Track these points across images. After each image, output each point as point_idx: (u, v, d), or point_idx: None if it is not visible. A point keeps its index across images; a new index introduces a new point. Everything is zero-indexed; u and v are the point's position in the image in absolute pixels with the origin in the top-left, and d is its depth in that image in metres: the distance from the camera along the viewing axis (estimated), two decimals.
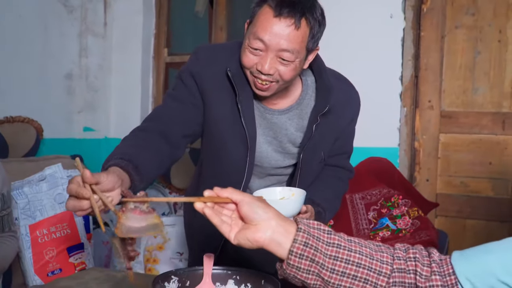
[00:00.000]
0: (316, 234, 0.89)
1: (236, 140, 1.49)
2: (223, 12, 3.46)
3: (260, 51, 1.33)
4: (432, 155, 2.84)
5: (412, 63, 2.84)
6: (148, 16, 3.64)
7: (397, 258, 0.89)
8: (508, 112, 2.70)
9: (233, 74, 1.43)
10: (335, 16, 2.94)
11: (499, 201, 2.71)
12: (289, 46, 1.30)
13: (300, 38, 1.31)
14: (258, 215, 0.90)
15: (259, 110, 1.51)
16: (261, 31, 1.30)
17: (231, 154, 1.51)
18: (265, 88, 1.38)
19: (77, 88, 3.56)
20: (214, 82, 1.46)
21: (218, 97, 1.47)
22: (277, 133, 1.54)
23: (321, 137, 1.53)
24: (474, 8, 2.76)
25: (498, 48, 2.72)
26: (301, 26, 1.30)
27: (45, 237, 2.25)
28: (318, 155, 1.58)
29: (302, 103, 1.53)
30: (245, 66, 1.38)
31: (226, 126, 1.49)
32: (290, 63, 1.34)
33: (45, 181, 2.30)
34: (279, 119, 1.52)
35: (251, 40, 1.33)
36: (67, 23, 3.45)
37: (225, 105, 1.47)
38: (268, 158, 1.56)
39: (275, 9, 1.29)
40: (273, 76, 1.35)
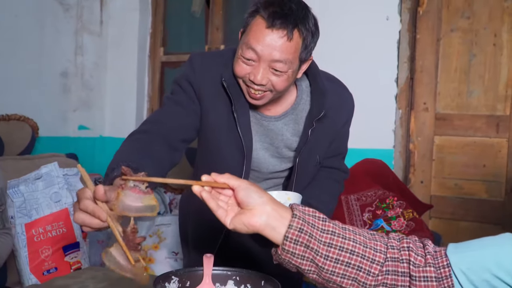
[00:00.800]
0: (311, 220, 0.90)
1: (232, 148, 1.49)
2: (219, 11, 3.46)
3: (253, 61, 1.33)
4: (427, 157, 2.86)
5: (407, 66, 2.86)
6: (144, 15, 3.64)
7: (390, 247, 0.90)
8: (502, 115, 2.72)
9: (228, 84, 1.43)
10: (332, 18, 2.97)
11: (492, 204, 2.74)
12: (281, 57, 1.30)
13: (292, 49, 1.31)
14: (253, 199, 0.91)
15: (256, 118, 1.52)
16: (253, 41, 1.30)
17: (227, 161, 1.51)
18: (258, 97, 1.38)
19: (72, 86, 3.55)
20: (210, 90, 1.47)
21: (214, 105, 1.47)
22: (273, 139, 1.54)
23: (317, 141, 1.54)
24: (469, 11, 2.78)
25: (493, 52, 2.74)
26: (293, 37, 1.30)
27: (41, 235, 2.24)
28: (313, 159, 1.59)
29: (297, 108, 1.54)
30: (238, 76, 1.38)
31: (222, 133, 1.49)
32: (283, 73, 1.33)
33: (41, 180, 2.29)
34: (275, 126, 1.53)
35: (244, 50, 1.33)
36: (63, 21, 3.45)
37: (222, 113, 1.48)
38: (266, 163, 1.57)
39: (268, 20, 1.28)
40: (266, 86, 1.35)
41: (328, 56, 2.88)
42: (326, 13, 2.97)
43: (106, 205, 0.95)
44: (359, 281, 0.88)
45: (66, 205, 2.31)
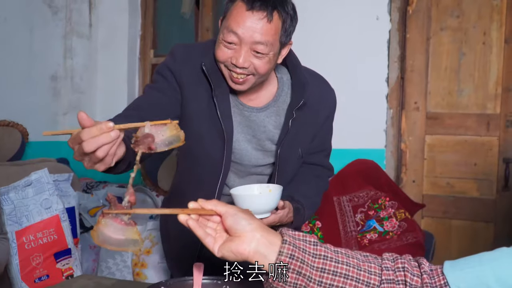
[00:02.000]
0: (301, 246, 0.87)
1: (213, 135, 1.50)
2: (209, 13, 3.45)
3: (234, 45, 1.35)
4: (418, 156, 2.87)
5: (398, 65, 2.86)
6: (133, 17, 3.62)
7: (385, 268, 0.88)
8: (492, 113, 2.73)
9: (207, 68, 1.45)
10: (322, 18, 2.97)
11: (484, 202, 2.75)
12: (262, 38, 1.33)
13: (273, 30, 1.34)
14: (242, 226, 0.89)
15: (238, 108, 1.53)
16: (234, 24, 1.33)
17: (208, 149, 1.52)
18: (241, 82, 1.41)
19: (62, 89, 3.53)
20: (190, 78, 1.48)
21: (194, 92, 1.49)
22: (255, 131, 1.55)
23: (298, 132, 1.54)
24: (458, 10, 2.78)
25: (483, 50, 2.75)
26: (273, 19, 1.33)
27: (32, 243, 2.22)
28: (295, 151, 1.59)
29: (278, 100, 1.55)
30: (219, 60, 1.40)
31: (202, 121, 1.50)
32: (265, 55, 1.36)
33: (31, 187, 2.27)
34: (257, 117, 1.54)
35: (225, 34, 1.35)
36: (52, 24, 3.42)
37: (202, 100, 1.49)
38: (248, 156, 1.57)
39: (247, 3, 1.32)
40: (248, 69, 1.38)
41: (318, 56, 2.87)
42: (316, 13, 2.97)
43: None
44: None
45: (57, 212, 2.30)
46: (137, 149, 0.98)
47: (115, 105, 3.61)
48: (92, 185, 3.32)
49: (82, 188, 3.26)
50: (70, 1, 3.50)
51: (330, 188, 1.95)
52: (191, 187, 1.62)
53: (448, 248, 2.82)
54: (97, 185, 3.31)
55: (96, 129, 0.91)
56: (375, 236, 2.41)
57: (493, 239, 2.74)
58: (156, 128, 0.99)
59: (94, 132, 0.91)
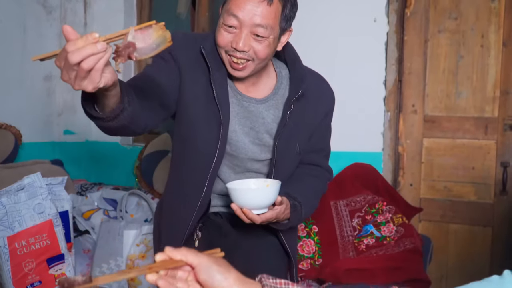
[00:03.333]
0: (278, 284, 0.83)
1: (209, 119, 1.49)
2: (205, 13, 3.41)
3: (235, 29, 1.37)
4: (416, 159, 2.84)
5: (395, 67, 2.84)
6: (129, 17, 3.58)
7: None
8: (490, 117, 2.70)
9: (207, 52, 1.46)
10: (319, 20, 2.94)
11: (482, 206, 2.73)
12: (262, 21, 1.35)
13: (273, 14, 1.36)
14: (217, 281, 0.81)
15: (236, 98, 1.53)
16: (235, 7, 1.34)
17: (203, 134, 1.50)
18: (241, 68, 1.42)
19: (57, 89, 3.49)
20: (189, 62, 1.49)
21: (193, 76, 1.50)
22: (254, 123, 1.54)
23: (296, 126, 1.54)
24: (456, 12, 2.76)
25: (481, 53, 2.72)
26: (273, 2, 1.35)
27: (24, 248, 2.19)
28: (293, 146, 1.57)
29: (277, 93, 1.56)
30: (220, 45, 1.41)
31: (199, 105, 1.49)
32: (265, 39, 1.38)
33: (24, 191, 2.24)
34: (256, 108, 1.54)
35: (225, 17, 1.37)
36: (46, 23, 3.39)
37: (199, 85, 1.49)
38: (245, 149, 1.55)
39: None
40: (248, 53, 1.39)
41: (316, 57, 2.84)
42: (313, 15, 2.94)
43: None
44: None
45: (50, 217, 2.27)
46: (117, 61, 0.97)
47: None
48: (86, 187, 3.29)
49: (77, 190, 3.23)
50: (64, 0, 3.46)
51: (327, 192, 1.92)
52: (184, 177, 1.59)
53: (446, 252, 2.80)
54: (92, 187, 3.28)
55: (81, 40, 0.89)
56: (372, 241, 2.39)
57: (491, 243, 2.72)
58: (142, 33, 0.96)
59: (79, 43, 0.89)
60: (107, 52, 0.92)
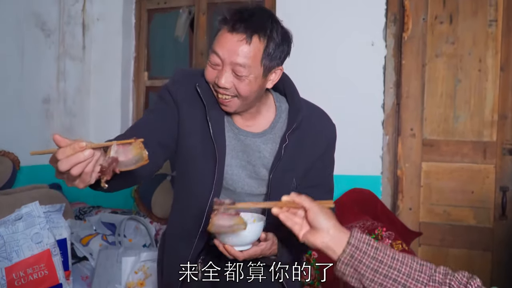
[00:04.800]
0: (364, 248, 1.06)
1: (206, 155, 1.51)
2: (203, 36, 3.42)
3: (218, 66, 1.40)
4: (415, 183, 2.84)
5: (393, 91, 2.85)
6: (127, 39, 3.59)
7: (432, 280, 1.03)
8: (489, 141, 2.71)
9: (202, 89, 1.49)
10: (317, 44, 2.95)
11: (481, 230, 2.72)
12: (240, 60, 1.36)
13: (251, 53, 1.37)
14: (319, 223, 1.10)
15: (233, 132, 1.54)
16: (217, 45, 1.39)
17: (200, 169, 1.53)
18: (226, 103, 1.45)
19: (55, 112, 3.49)
20: (187, 97, 1.52)
21: (190, 111, 1.52)
22: (250, 156, 1.54)
23: (292, 160, 1.52)
24: (454, 36, 2.77)
25: (478, 77, 2.73)
26: (252, 41, 1.36)
27: (22, 279, 2.17)
28: (288, 180, 1.54)
29: (275, 127, 1.55)
30: (207, 81, 1.46)
31: (196, 140, 1.52)
32: (244, 77, 1.39)
33: (21, 220, 2.22)
34: (253, 142, 1.54)
35: (210, 55, 1.41)
36: (44, 47, 3.39)
37: (196, 120, 1.52)
38: (241, 182, 1.55)
39: (229, 26, 1.37)
40: (230, 90, 1.41)
41: (314, 81, 2.86)
42: (311, 39, 2.95)
43: None
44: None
45: (48, 246, 2.25)
46: (103, 178, 1.05)
47: (108, 128, 3.58)
48: (85, 211, 3.27)
49: (75, 214, 3.22)
50: (63, 23, 3.47)
51: None
52: (184, 210, 1.61)
53: None
54: (90, 211, 3.27)
55: (69, 149, 0.96)
56: None
57: (490, 268, 2.71)
58: (123, 148, 1.05)
59: (67, 152, 0.96)
60: (95, 155, 1.00)
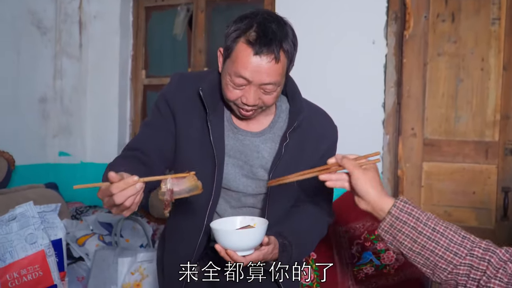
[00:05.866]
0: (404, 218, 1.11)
1: (204, 160, 1.47)
2: (201, 34, 3.39)
3: (243, 86, 1.36)
4: (416, 183, 2.80)
5: (394, 90, 2.81)
6: (125, 37, 3.55)
7: (470, 255, 1.08)
8: (491, 141, 2.67)
9: (204, 93, 1.45)
10: (317, 43, 2.91)
11: (482, 231, 2.68)
12: (271, 79, 1.34)
13: (280, 69, 1.35)
14: (360, 190, 1.15)
15: (232, 132, 1.51)
16: (242, 69, 1.32)
17: (199, 172, 1.43)
18: (249, 114, 1.43)
19: (51, 111, 3.46)
20: (185, 104, 1.49)
21: (188, 118, 1.49)
22: (248, 157, 1.50)
23: (292, 160, 1.48)
24: (456, 35, 2.73)
25: (480, 76, 2.69)
26: (280, 58, 1.33)
27: (16, 280, 2.13)
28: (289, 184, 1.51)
29: (275, 126, 1.53)
30: (229, 100, 1.41)
31: (194, 146, 1.49)
32: (273, 92, 1.38)
33: (15, 221, 2.18)
34: (251, 141, 1.51)
35: (233, 77, 1.35)
36: (41, 45, 3.35)
37: (195, 125, 1.49)
38: (237, 182, 1.51)
39: (253, 48, 1.30)
40: (258, 105, 1.40)
41: (314, 80, 2.82)
42: (311, 37, 2.91)
43: None
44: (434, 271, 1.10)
45: (42, 247, 2.21)
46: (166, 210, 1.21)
47: (105, 128, 3.54)
48: (81, 210, 3.24)
49: (71, 213, 3.18)
50: (59, 21, 3.43)
51: None
52: (183, 216, 1.58)
53: None
54: (87, 210, 3.23)
55: (123, 183, 1.09)
56: (372, 270, 2.34)
57: None
58: (177, 181, 1.19)
59: (121, 186, 1.09)
60: (143, 187, 1.13)
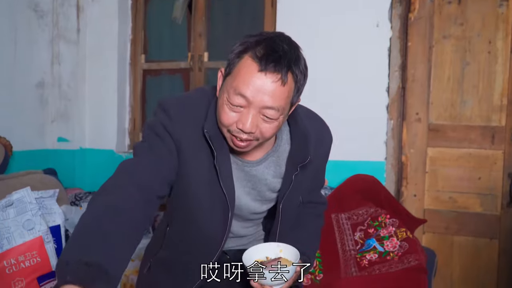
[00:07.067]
0: None
1: (214, 202, 1.36)
2: (202, 18, 3.32)
3: (241, 108, 1.20)
4: (420, 169, 2.75)
5: (399, 74, 2.75)
6: (123, 21, 3.49)
7: None
8: (497, 126, 2.62)
9: (210, 135, 1.29)
10: (319, 26, 2.85)
11: (488, 218, 2.64)
12: (274, 103, 1.18)
13: (285, 94, 1.19)
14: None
15: (237, 164, 1.40)
16: (242, 86, 1.17)
17: (209, 216, 1.38)
18: (244, 146, 1.26)
19: (49, 97, 3.39)
20: (189, 141, 1.32)
21: (194, 157, 1.33)
22: (256, 184, 1.43)
23: (300, 183, 1.44)
24: (462, 18, 2.67)
25: (487, 60, 2.63)
26: (287, 81, 1.17)
27: (13, 267, 2.09)
28: (297, 200, 1.52)
29: (278, 150, 1.43)
30: (223, 125, 1.24)
31: (202, 188, 1.35)
32: (274, 120, 1.22)
33: (12, 207, 2.14)
34: (257, 171, 1.42)
35: (231, 95, 1.19)
36: (38, 29, 3.28)
37: (202, 166, 1.34)
38: (247, 206, 1.46)
39: (260, 63, 1.15)
40: (254, 134, 1.23)
41: (316, 65, 2.75)
42: (313, 20, 2.85)
43: None
44: None
45: (40, 233, 2.17)
46: None
47: (104, 113, 3.49)
48: (80, 197, 3.19)
49: (70, 200, 3.14)
50: (57, 5, 3.36)
51: (328, 206, 1.83)
52: (188, 243, 1.47)
53: (450, 266, 2.71)
54: (86, 196, 3.19)
55: None
56: (375, 257, 2.30)
57: (497, 257, 2.63)
58: None
59: None
60: None
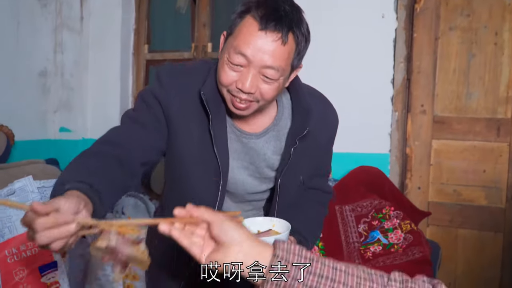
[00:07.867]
0: (295, 261, 0.79)
1: (207, 170, 1.34)
2: (206, 8, 3.29)
3: (241, 67, 1.19)
4: (424, 162, 2.73)
5: (404, 66, 2.72)
6: (127, 11, 3.46)
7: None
8: (503, 118, 2.59)
9: (207, 98, 1.28)
10: (325, 16, 2.82)
11: (492, 211, 2.62)
12: (274, 63, 1.17)
13: (286, 54, 1.18)
14: (228, 236, 0.82)
15: (235, 134, 1.37)
16: (243, 45, 1.16)
17: (200, 184, 1.36)
18: (243, 108, 1.25)
19: (52, 86, 3.38)
20: (182, 109, 1.31)
21: (187, 125, 1.32)
22: (254, 158, 1.40)
23: (299, 160, 1.40)
24: (469, 9, 2.63)
25: (494, 51, 2.60)
26: (288, 41, 1.17)
27: (15, 256, 2.08)
28: (296, 179, 1.46)
29: (278, 124, 1.40)
30: (223, 84, 1.23)
31: (195, 155, 1.34)
32: (274, 81, 1.21)
33: (14, 195, 2.13)
34: (256, 144, 1.39)
35: (232, 54, 1.18)
36: (41, 18, 3.26)
37: (195, 132, 1.32)
38: (244, 184, 1.43)
39: (261, 22, 1.15)
40: (254, 95, 1.21)
41: (321, 55, 2.73)
42: (318, 11, 2.82)
43: None
44: None
45: None
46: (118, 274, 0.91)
47: (107, 103, 3.47)
48: None
49: None
50: None
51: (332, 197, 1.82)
52: None
53: (454, 259, 2.70)
54: None
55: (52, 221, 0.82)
56: (379, 249, 2.29)
57: (501, 250, 2.61)
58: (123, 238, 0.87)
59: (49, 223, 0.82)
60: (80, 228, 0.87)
